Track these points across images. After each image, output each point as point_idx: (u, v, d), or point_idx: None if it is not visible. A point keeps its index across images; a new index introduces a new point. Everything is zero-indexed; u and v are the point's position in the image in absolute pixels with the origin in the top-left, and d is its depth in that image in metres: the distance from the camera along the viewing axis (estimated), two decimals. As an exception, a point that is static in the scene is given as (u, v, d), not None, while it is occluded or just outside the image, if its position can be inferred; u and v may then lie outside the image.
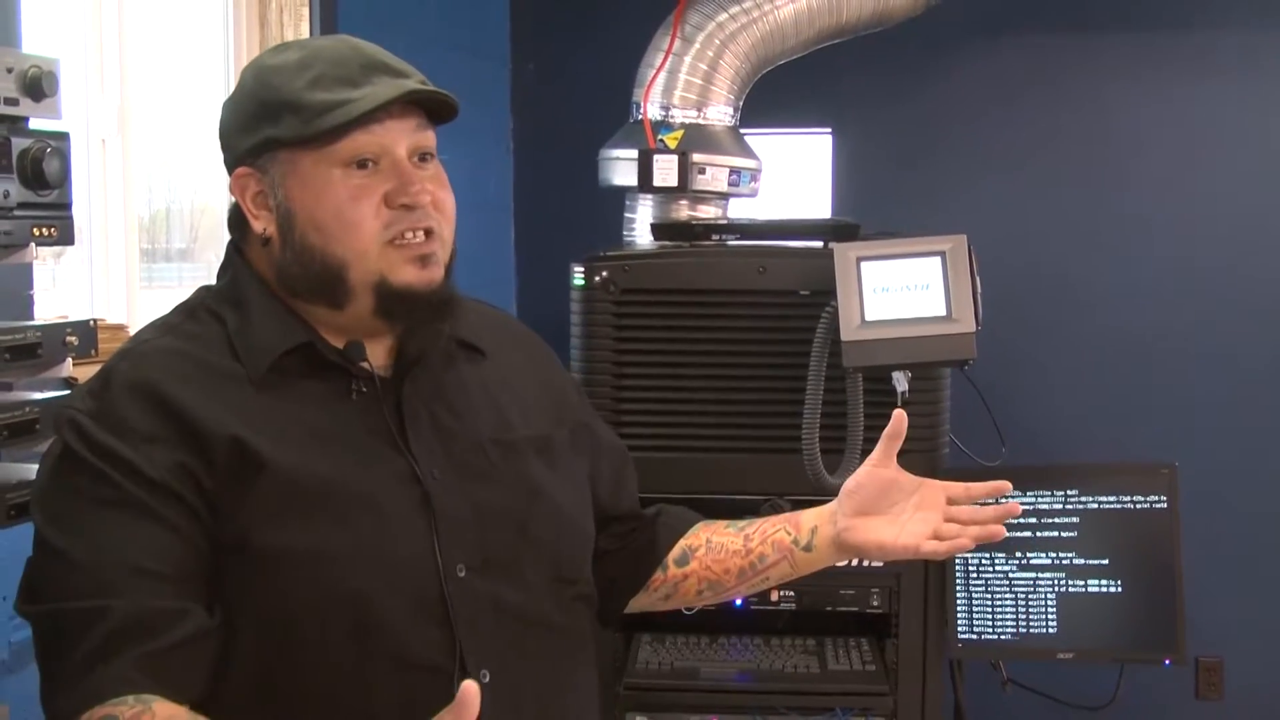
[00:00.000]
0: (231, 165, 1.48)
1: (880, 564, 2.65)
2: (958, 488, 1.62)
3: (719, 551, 1.70)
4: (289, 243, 1.44)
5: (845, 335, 2.50)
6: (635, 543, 1.72)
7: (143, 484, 1.32)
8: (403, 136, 1.44)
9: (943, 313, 2.52)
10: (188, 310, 1.49)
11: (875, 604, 2.70)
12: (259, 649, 1.33)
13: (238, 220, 1.49)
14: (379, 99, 1.40)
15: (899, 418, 1.59)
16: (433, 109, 1.47)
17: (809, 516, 1.67)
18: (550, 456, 1.58)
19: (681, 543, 1.73)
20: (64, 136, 1.81)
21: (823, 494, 2.58)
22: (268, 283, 1.47)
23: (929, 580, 2.67)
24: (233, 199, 1.49)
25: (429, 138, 1.47)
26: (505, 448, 1.53)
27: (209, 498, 1.34)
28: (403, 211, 1.42)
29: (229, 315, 1.46)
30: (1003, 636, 2.66)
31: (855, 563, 2.64)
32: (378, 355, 1.48)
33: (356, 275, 1.42)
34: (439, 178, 1.48)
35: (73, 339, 1.84)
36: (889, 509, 1.61)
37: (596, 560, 1.64)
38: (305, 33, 2.81)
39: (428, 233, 1.44)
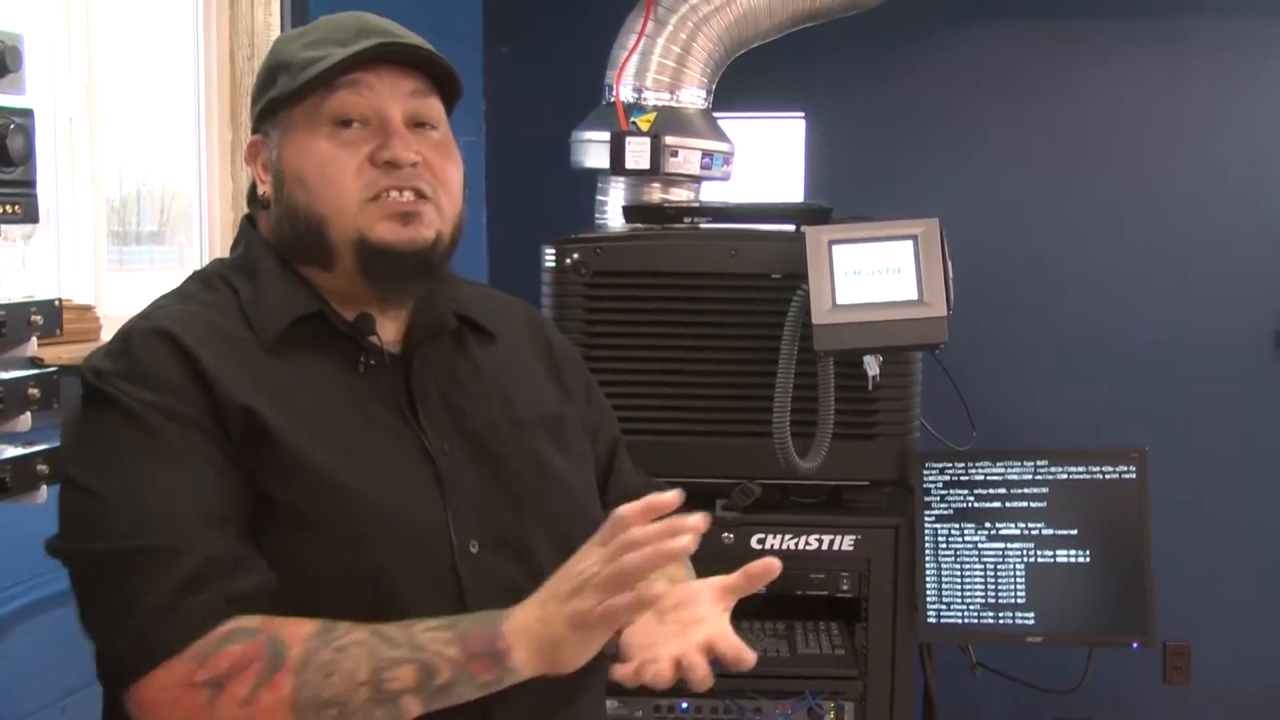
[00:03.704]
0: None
1: (850, 548, 2.66)
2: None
3: None
4: (280, 200, 1.46)
5: (816, 319, 2.50)
6: None
7: (191, 428, 1.32)
8: (396, 100, 1.44)
9: (914, 297, 2.52)
10: (203, 279, 1.50)
11: (845, 588, 2.70)
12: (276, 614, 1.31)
13: (254, 193, 1.51)
14: (353, 49, 1.41)
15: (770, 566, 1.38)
16: (438, 82, 1.48)
17: None
18: (561, 437, 1.57)
19: None
20: (28, 113, 1.78)
21: (793, 477, 2.59)
22: (280, 253, 1.47)
23: (899, 565, 2.67)
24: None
25: (428, 106, 1.47)
26: (516, 426, 1.52)
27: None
28: (386, 169, 1.42)
29: (242, 285, 1.46)
30: (971, 610, 2.65)
31: (825, 546, 2.66)
32: (389, 332, 1.48)
33: (336, 233, 1.42)
34: (441, 146, 1.48)
35: (38, 318, 1.81)
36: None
37: None
38: (276, 13, 2.77)
39: (418, 194, 1.43)
